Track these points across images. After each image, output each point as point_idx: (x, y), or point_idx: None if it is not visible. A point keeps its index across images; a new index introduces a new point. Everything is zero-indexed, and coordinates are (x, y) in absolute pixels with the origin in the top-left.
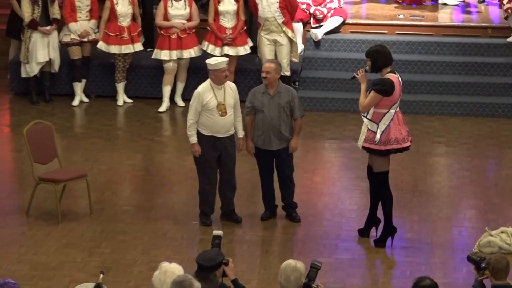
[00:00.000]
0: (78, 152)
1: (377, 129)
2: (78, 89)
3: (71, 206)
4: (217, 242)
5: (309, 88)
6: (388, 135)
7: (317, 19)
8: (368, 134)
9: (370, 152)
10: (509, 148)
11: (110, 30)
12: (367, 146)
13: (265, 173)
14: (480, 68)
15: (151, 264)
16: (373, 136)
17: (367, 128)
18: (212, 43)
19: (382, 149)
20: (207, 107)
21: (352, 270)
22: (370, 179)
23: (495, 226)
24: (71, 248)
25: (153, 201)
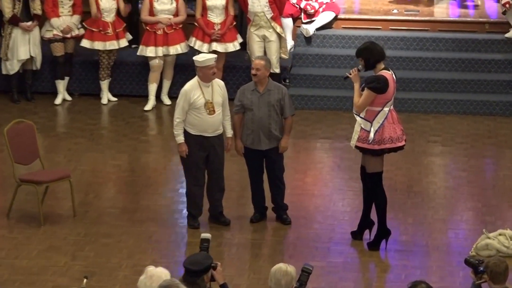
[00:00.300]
0: (61, 152)
1: (370, 127)
2: (61, 87)
3: (53, 208)
4: (205, 246)
5: (300, 86)
6: (382, 134)
7: (308, 14)
8: (362, 133)
9: (364, 152)
10: (507, 148)
11: (93, 26)
12: (360, 146)
13: (255, 173)
14: (477, 64)
15: (136, 268)
16: (366, 135)
17: (360, 127)
18: (199, 39)
19: (376, 149)
20: (195, 105)
21: (345, 274)
22: (363, 180)
23: (492, 228)
24: (53, 252)
25: (139, 203)
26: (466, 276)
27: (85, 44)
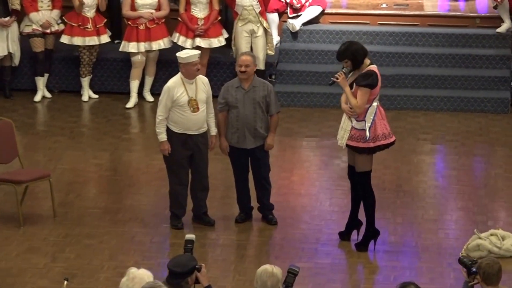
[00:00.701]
0: (40, 151)
1: (364, 125)
2: (41, 83)
3: (33, 209)
4: (189, 247)
5: (286, 82)
6: (376, 131)
7: (294, 9)
8: (354, 132)
9: (358, 151)
10: (498, 146)
11: (73, 20)
12: (354, 145)
13: (240, 173)
14: (468, 60)
15: (118, 270)
16: (360, 133)
17: (351, 126)
18: (183, 34)
19: (371, 146)
20: (178, 102)
21: (332, 275)
22: (351, 179)
23: (484, 229)
24: (33, 253)
25: (121, 202)
26: (456, 278)
27: (65, 40)
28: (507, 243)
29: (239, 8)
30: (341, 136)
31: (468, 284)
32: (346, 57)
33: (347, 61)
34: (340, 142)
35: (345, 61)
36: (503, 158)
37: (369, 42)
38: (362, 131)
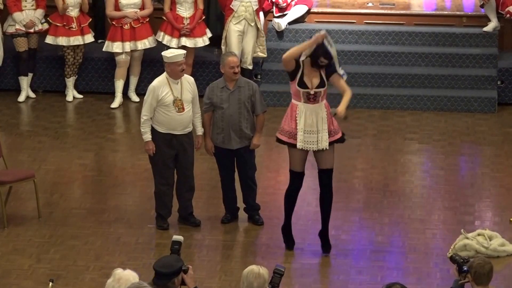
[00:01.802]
0: (24, 151)
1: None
2: (24, 83)
3: (17, 209)
4: (176, 248)
5: (272, 82)
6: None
7: (280, 8)
8: (331, 126)
9: (341, 141)
10: (485, 145)
11: (57, 20)
12: (334, 139)
13: (226, 173)
14: (454, 59)
15: (104, 271)
16: (336, 124)
17: (325, 120)
18: (168, 33)
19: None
20: (163, 102)
21: (319, 275)
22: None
23: (471, 228)
24: (17, 255)
25: (106, 203)
26: (443, 278)
27: (49, 41)
28: (494, 243)
29: (235, 5)
30: (318, 140)
31: (459, 283)
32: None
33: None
34: (322, 146)
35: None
36: (490, 157)
37: (355, 41)
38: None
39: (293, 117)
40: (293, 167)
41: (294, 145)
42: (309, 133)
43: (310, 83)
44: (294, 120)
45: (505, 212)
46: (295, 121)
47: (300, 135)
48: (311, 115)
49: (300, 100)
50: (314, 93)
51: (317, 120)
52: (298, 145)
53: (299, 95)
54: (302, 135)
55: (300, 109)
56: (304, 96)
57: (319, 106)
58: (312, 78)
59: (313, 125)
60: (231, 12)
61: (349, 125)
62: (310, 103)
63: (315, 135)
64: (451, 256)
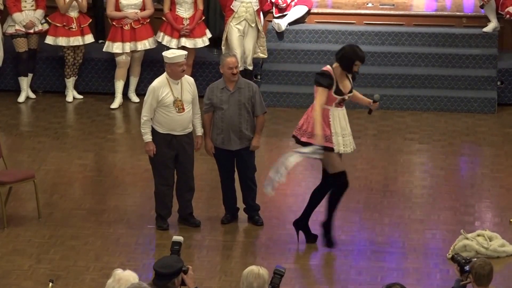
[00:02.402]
0: (24, 151)
1: None
2: (24, 84)
3: (17, 210)
4: (176, 249)
5: (271, 82)
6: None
7: (280, 9)
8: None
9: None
10: (485, 145)
11: (57, 21)
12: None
13: (226, 173)
14: (454, 60)
15: (104, 271)
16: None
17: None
18: (168, 34)
19: None
20: (163, 103)
21: (319, 276)
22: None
23: (471, 229)
24: (17, 255)
25: (106, 203)
26: (443, 278)
27: (49, 41)
28: (494, 244)
29: (235, 5)
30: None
31: (461, 283)
32: None
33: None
34: (352, 148)
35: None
36: (490, 158)
37: (355, 42)
38: None
39: (325, 122)
40: (339, 167)
41: (331, 149)
42: (343, 136)
43: (344, 89)
44: (327, 125)
45: (505, 212)
46: (328, 126)
47: (339, 139)
48: (342, 119)
49: (332, 105)
50: (347, 98)
51: (346, 123)
52: (337, 149)
53: (332, 101)
54: (341, 139)
55: (333, 114)
56: (336, 102)
57: (344, 109)
58: (344, 84)
59: (345, 128)
60: (232, 13)
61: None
62: (339, 108)
63: (348, 138)
64: (453, 256)
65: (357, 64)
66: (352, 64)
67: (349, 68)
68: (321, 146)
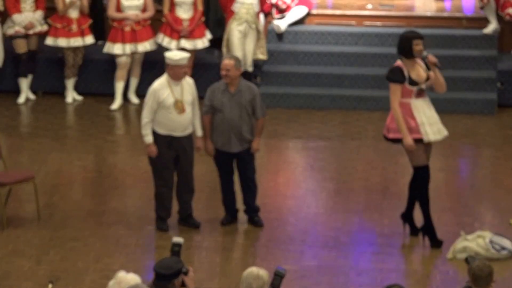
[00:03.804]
0: (24, 152)
1: None
2: (24, 85)
3: (17, 211)
4: (176, 250)
5: (271, 84)
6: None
7: (280, 10)
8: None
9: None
10: (485, 147)
11: (57, 22)
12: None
13: (225, 174)
14: (454, 61)
15: (104, 272)
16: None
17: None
18: (168, 35)
19: None
20: (164, 104)
21: (319, 277)
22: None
23: (471, 230)
24: (17, 256)
25: (106, 205)
26: (443, 280)
27: (49, 42)
28: None
29: (237, 6)
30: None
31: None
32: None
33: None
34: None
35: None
36: (490, 159)
37: (355, 43)
38: None
39: (408, 115)
40: (422, 161)
41: (417, 140)
42: (431, 124)
43: (419, 78)
44: (411, 117)
45: (504, 214)
46: (413, 118)
47: (427, 128)
48: (426, 109)
49: (411, 97)
50: (424, 87)
51: (431, 111)
52: (427, 138)
53: (410, 93)
54: (429, 127)
55: (415, 105)
56: (415, 92)
57: (428, 98)
58: (418, 72)
59: (432, 116)
60: (232, 14)
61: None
62: (421, 97)
63: (436, 126)
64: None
65: (417, 43)
66: (411, 45)
67: (411, 51)
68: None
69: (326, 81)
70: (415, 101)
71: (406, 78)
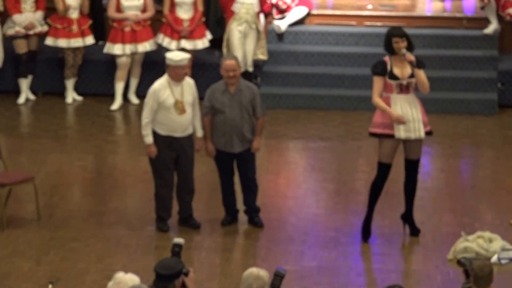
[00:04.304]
0: (24, 153)
1: None
2: (24, 85)
3: (17, 212)
4: (176, 251)
5: (271, 84)
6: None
7: (280, 10)
8: (424, 117)
9: (430, 134)
10: (486, 147)
11: (57, 22)
12: (427, 130)
13: (226, 175)
14: (455, 61)
15: (105, 273)
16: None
17: (419, 111)
18: (168, 35)
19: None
20: (164, 105)
21: (319, 278)
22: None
23: (471, 231)
24: (17, 257)
25: (106, 205)
26: (443, 280)
27: (49, 42)
28: (495, 246)
29: (236, 7)
30: (414, 128)
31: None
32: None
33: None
34: (418, 135)
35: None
36: (490, 159)
37: (355, 43)
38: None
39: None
40: (383, 158)
41: (388, 136)
42: (407, 122)
43: (401, 74)
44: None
45: (505, 214)
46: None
47: (400, 125)
48: (405, 105)
49: (393, 92)
50: (406, 83)
51: (411, 109)
52: (398, 135)
53: (391, 88)
54: (403, 124)
55: (394, 100)
56: (397, 88)
57: (412, 96)
58: (402, 69)
59: (408, 113)
60: (233, 15)
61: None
62: (403, 94)
63: (412, 124)
64: (458, 260)
65: (396, 41)
66: (391, 43)
67: (391, 49)
68: None
69: (327, 82)
70: (395, 96)
71: (388, 72)
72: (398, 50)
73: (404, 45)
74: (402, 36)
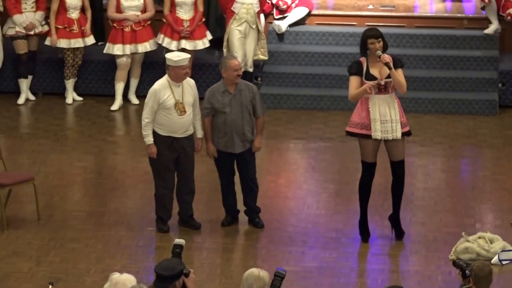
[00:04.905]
0: (24, 154)
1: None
2: (24, 86)
3: (17, 212)
4: (177, 251)
5: (272, 84)
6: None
7: (280, 10)
8: (403, 118)
9: (408, 135)
10: (486, 148)
11: (58, 22)
12: (405, 131)
13: (226, 176)
14: (455, 62)
15: (105, 274)
16: (405, 118)
17: (397, 111)
18: (168, 36)
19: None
20: (164, 105)
21: (320, 279)
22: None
23: (472, 231)
24: (17, 257)
25: (106, 206)
26: (444, 281)
27: (50, 43)
28: (496, 246)
29: (237, 7)
30: (392, 129)
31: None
32: (382, 37)
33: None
34: (394, 135)
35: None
36: (491, 160)
37: (356, 43)
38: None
39: (364, 109)
40: (366, 158)
41: (366, 136)
42: (384, 123)
43: (379, 74)
44: (366, 110)
45: (506, 214)
46: (368, 112)
47: (377, 125)
48: (384, 105)
49: (371, 92)
50: (384, 83)
51: (389, 109)
52: (375, 135)
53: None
54: (379, 125)
55: (373, 101)
56: (375, 88)
57: (390, 96)
58: (380, 69)
59: (386, 114)
60: (233, 15)
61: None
62: (382, 94)
63: (389, 124)
64: (454, 260)
65: (371, 42)
66: (366, 44)
67: (365, 49)
68: None
69: (327, 82)
70: (374, 97)
71: (364, 72)
72: (373, 51)
73: (380, 45)
74: (378, 37)
